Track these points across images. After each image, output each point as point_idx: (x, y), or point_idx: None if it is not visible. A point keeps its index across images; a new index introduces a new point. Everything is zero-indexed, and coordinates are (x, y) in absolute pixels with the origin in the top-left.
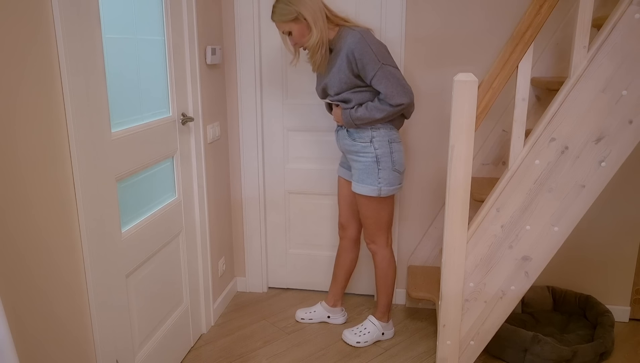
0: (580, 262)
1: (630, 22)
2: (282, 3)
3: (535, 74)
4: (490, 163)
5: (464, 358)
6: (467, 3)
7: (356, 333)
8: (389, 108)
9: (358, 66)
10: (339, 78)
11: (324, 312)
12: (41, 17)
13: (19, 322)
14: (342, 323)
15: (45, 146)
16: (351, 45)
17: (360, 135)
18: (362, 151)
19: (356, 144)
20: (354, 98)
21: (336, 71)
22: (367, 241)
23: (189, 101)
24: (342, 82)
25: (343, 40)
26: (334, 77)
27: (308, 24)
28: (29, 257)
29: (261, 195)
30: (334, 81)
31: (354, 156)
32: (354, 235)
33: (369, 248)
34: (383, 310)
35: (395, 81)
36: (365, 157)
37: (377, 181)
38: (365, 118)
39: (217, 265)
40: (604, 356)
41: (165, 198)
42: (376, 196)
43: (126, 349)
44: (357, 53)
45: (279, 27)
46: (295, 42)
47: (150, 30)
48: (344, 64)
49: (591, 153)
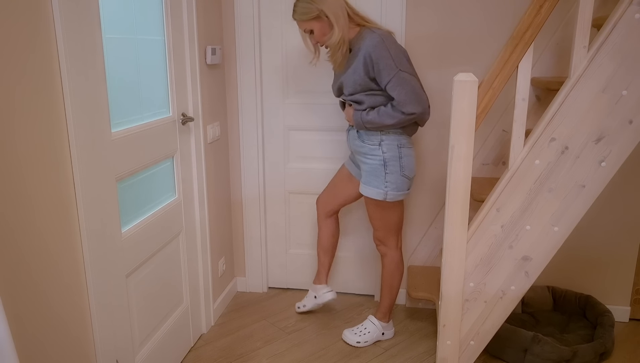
0: (580, 262)
1: (630, 22)
2: (304, 2)
3: (535, 74)
4: (490, 163)
5: (464, 358)
6: (467, 3)
7: (356, 333)
8: (400, 116)
9: (374, 69)
10: (354, 79)
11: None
12: (41, 17)
13: (19, 321)
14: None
15: (45, 146)
16: (369, 47)
17: (370, 137)
18: (370, 153)
19: (365, 146)
20: (367, 101)
21: (352, 72)
22: (376, 242)
23: (189, 101)
24: (356, 83)
25: (362, 42)
26: (349, 77)
27: (330, 22)
28: (29, 257)
29: (261, 195)
30: (349, 81)
31: (362, 158)
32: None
33: (379, 249)
34: (385, 310)
35: (410, 89)
36: (373, 159)
37: (383, 184)
38: (376, 123)
39: (217, 265)
40: (604, 356)
41: (165, 198)
42: (382, 199)
43: (126, 349)
44: (374, 56)
45: (300, 25)
46: (316, 41)
47: (150, 30)
48: (360, 66)
49: (591, 153)
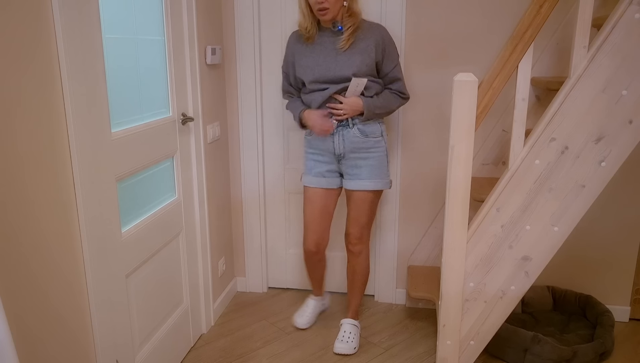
0: (580, 262)
1: (630, 22)
2: None
3: (535, 74)
4: (490, 163)
5: (464, 358)
6: (467, 3)
7: (347, 341)
8: (401, 99)
9: (385, 51)
10: (362, 59)
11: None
12: (41, 17)
13: (20, 321)
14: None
15: (46, 146)
16: (383, 32)
17: (372, 130)
18: (374, 146)
19: (368, 140)
20: (374, 87)
21: (359, 52)
22: (354, 241)
23: (189, 101)
24: (364, 63)
25: (372, 28)
26: (355, 57)
27: None
28: (29, 257)
29: (261, 195)
30: (355, 61)
31: (364, 154)
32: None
33: (356, 249)
34: (357, 309)
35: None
36: (377, 152)
37: (387, 174)
38: (385, 107)
39: (217, 265)
40: (604, 356)
41: (165, 198)
42: (387, 189)
43: (126, 349)
44: (387, 40)
45: None
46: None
47: (150, 30)
48: (372, 47)
49: (591, 153)
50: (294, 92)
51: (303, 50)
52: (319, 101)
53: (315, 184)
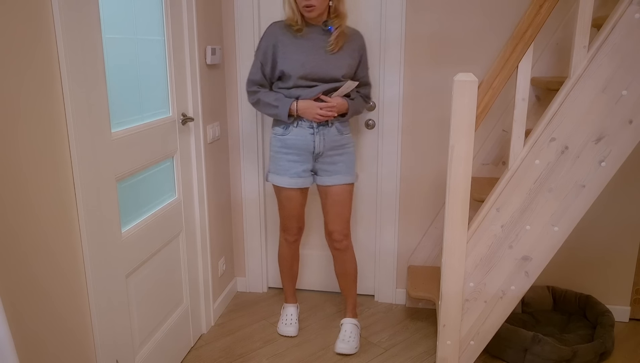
0: (580, 262)
1: (630, 22)
2: None
3: (535, 74)
4: (490, 163)
5: (464, 358)
6: (467, 3)
7: (348, 340)
8: (366, 103)
9: (362, 58)
10: (349, 63)
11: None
12: (41, 17)
13: (20, 321)
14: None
15: (46, 146)
16: (362, 39)
17: (347, 128)
18: (347, 143)
19: (344, 137)
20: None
21: (347, 55)
22: (340, 238)
23: (189, 101)
24: (350, 67)
25: (355, 34)
26: (344, 59)
27: None
28: (29, 257)
29: (261, 195)
30: (344, 63)
31: (340, 150)
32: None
33: (343, 245)
34: (355, 306)
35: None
36: (350, 148)
37: (355, 168)
38: (358, 109)
39: (217, 265)
40: (604, 356)
41: (165, 198)
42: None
43: (126, 349)
44: (364, 47)
45: None
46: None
47: (150, 30)
48: (356, 52)
49: (591, 153)
50: (265, 85)
51: (290, 42)
52: (307, 98)
53: (294, 185)
